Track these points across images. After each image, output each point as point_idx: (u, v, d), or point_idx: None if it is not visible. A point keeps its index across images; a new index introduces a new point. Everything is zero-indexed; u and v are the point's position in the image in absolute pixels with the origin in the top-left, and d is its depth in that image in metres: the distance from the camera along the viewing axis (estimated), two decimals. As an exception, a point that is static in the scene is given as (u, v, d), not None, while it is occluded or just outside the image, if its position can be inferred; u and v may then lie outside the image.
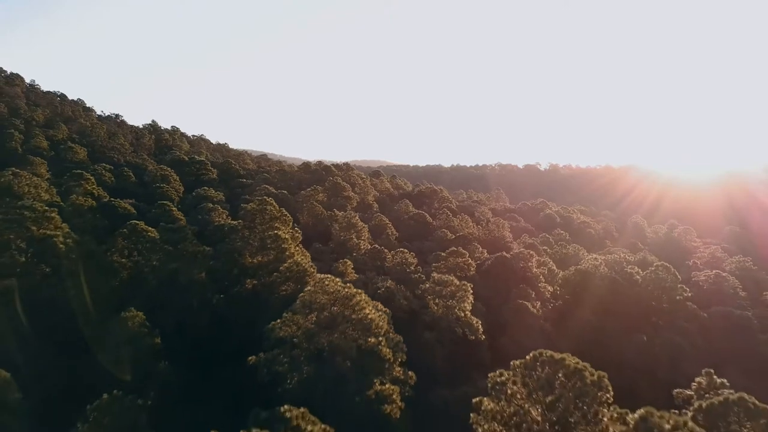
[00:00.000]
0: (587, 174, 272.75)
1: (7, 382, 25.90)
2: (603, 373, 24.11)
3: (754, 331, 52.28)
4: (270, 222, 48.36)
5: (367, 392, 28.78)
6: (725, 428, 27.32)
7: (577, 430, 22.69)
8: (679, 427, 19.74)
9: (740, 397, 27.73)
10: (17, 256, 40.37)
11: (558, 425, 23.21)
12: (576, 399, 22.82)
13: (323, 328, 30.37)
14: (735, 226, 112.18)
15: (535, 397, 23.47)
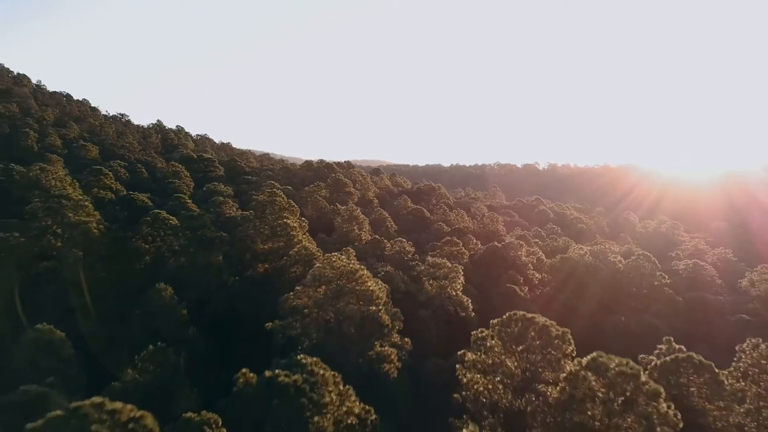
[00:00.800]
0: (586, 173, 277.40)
1: (63, 340, 30.71)
2: (566, 330, 29.02)
3: (725, 314, 57.03)
4: (279, 212, 53.17)
5: (368, 353, 33.58)
6: (675, 381, 32.20)
7: (543, 374, 27.55)
8: (622, 364, 24.57)
9: (688, 356, 32.59)
10: (53, 240, 45.29)
11: (528, 372, 28.08)
12: (542, 349, 27.70)
13: (331, 298, 35.22)
14: (722, 222, 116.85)
15: (509, 348, 28.31)
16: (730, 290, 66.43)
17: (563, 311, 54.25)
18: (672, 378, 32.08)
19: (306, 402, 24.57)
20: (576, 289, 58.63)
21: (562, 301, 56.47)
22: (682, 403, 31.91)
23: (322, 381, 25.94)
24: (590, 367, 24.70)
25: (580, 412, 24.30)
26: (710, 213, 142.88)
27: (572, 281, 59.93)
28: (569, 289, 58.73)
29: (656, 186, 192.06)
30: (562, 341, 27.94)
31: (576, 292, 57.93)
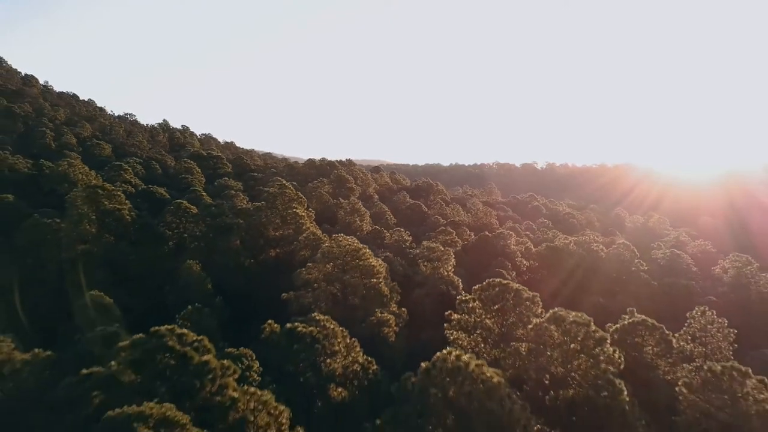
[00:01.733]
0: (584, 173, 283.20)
1: (111, 305, 36.58)
2: (536, 294, 34.96)
3: (695, 296, 62.83)
4: (288, 203, 59.08)
5: (370, 318, 39.43)
6: (631, 340, 38.03)
7: (515, 329, 33.39)
8: (577, 317, 30.43)
9: (643, 319, 38.50)
10: (89, 226, 51.19)
11: (503, 327, 33.96)
12: (515, 308, 33.58)
13: (338, 272, 41.11)
14: (708, 217, 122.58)
15: (488, 308, 34.19)
16: (705, 277, 72.29)
17: (547, 293, 59.94)
18: (629, 338, 37.94)
19: (320, 348, 30.41)
20: (560, 274, 64.48)
21: (546, 284, 62.24)
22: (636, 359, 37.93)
23: (332, 334, 31.77)
24: (551, 320, 30.60)
25: (543, 356, 30.17)
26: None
27: (557, 268, 65.82)
28: (553, 275, 64.60)
29: (656, 186, 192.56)
30: (532, 303, 33.87)
31: (559, 276, 63.78)
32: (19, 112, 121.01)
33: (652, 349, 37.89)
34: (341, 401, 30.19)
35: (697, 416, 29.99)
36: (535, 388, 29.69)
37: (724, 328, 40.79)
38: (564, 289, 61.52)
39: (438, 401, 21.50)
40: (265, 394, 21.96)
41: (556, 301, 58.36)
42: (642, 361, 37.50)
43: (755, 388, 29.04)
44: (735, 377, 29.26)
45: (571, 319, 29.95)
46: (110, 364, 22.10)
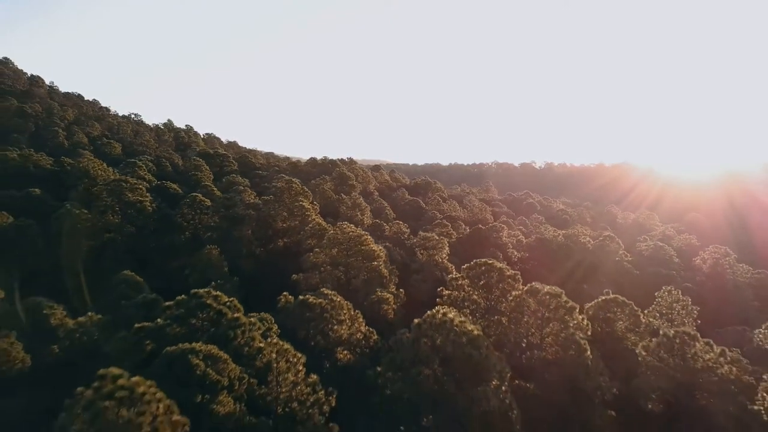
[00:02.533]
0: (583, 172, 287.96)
1: (142, 282, 41.52)
2: (517, 272, 39.89)
3: (674, 284, 67.63)
4: (295, 196, 64.02)
5: (371, 297, 44.35)
6: (603, 315, 42.90)
7: (499, 303, 38.29)
8: (551, 290, 35.35)
9: (615, 297, 43.45)
10: (112, 216, 56.15)
11: (488, 301, 38.88)
12: (498, 284, 38.49)
13: (342, 256, 46.06)
14: (697, 213, 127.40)
15: (475, 284, 39.09)
16: (686, 267, 77.21)
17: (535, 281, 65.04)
18: (602, 313, 42.87)
19: (328, 317, 35.33)
20: (548, 264, 69.42)
21: (535, 273, 67.11)
22: (608, 333, 42.86)
23: (339, 306, 36.70)
24: (528, 292, 35.58)
25: (518, 323, 35.13)
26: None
27: (545, 258, 70.81)
28: (542, 264, 69.54)
29: (654, 185, 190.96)
30: (513, 280, 38.76)
31: (548, 266, 68.71)
32: (30, 112, 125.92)
33: (622, 324, 42.79)
34: (346, 363, 35.12)
35: (653, 376, 34.99)
36: (514, 350, 34.66)
37: (688, 306, 45.69)
38: (551, 277, 66.29)
39: (427, 349, 26.44)
40: (285, 344, 26.91)
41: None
42: (613, 334, 42.41)
43: (702, 349, 34.04)
44: (686, 340, 34.28)
45: (545, 291, 34.91)
46: (157, 320, 27.04)
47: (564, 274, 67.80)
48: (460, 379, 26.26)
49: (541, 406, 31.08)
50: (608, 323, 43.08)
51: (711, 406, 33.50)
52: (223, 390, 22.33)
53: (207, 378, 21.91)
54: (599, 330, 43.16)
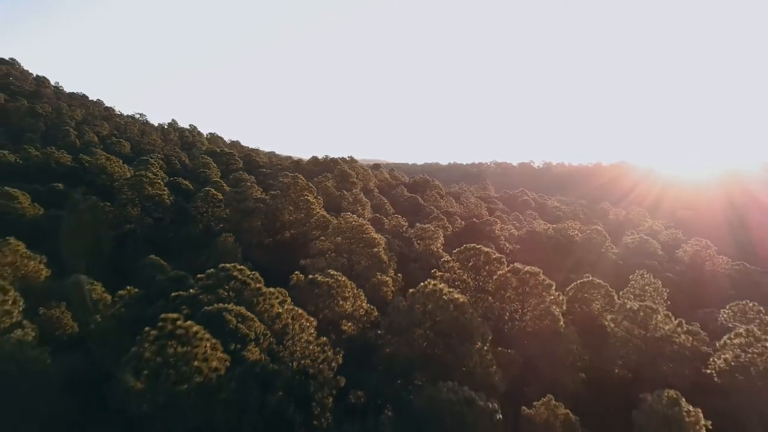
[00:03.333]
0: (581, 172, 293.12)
1: (165, 265, 46.42)
2: (502, 255, 44.92)
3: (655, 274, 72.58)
4: (300, 191, 69.00)
5: (372, 280, 49.34)
6: (589, 296, 47.72)
7: (485, 282, 43.28)
8: (530, 269, 40.33)
9: (591, 279, 48.49)
10: (131, 209, 61.12)
11: (476, 281, 43.88)
12: (485, 266, 43.49)
13: (346, 244, 51.07)
14: (687, 210, 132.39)
15: (464, 266, 44.09)
16: (670, 259, 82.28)
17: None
18: (580, 294, 47.90)
19: (334, 293, 40.28)
20: (537, 254, 74.32)
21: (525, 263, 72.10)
22: (586, 312, 47.84)
23: (343, 284, 41.59)
24: (511, 271, 40.57)
25: (502, 299, 40.13)
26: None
27: (535, 249, 75.75)
28: (532, 255, 74.34)
29: (654, 185, 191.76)
30: (498, 262, 43.79)
31: (537, 257, 73.51)
32: (41, 112, 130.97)
33: (598, 304, 47.78)
34: (351, 334, 40.07)
35: (620, 345, 40.04)
36: (498, 322, 39.67)
37: (659, 288, 50.74)
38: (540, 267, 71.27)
39: (420, 313, 31.46)
40: (300, 310, 31.91)
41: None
42: (590, 313, 47.44)
43: (662, 321, 39.11)
44: (648, 313, 39.36)
45: (525, 270, 39.95)
46: (190, 290, 32.02)
47: (552, 265, 72.76)
48: (447, 339, 31.26)
49: (521, 368, 36.08)
50: (585, 303, 48.15)
51: (669, 370, 38.53)
52: (251, 342, 27.30)
53: (238, 331, 26.90)
54: (578, 309, 48.31)
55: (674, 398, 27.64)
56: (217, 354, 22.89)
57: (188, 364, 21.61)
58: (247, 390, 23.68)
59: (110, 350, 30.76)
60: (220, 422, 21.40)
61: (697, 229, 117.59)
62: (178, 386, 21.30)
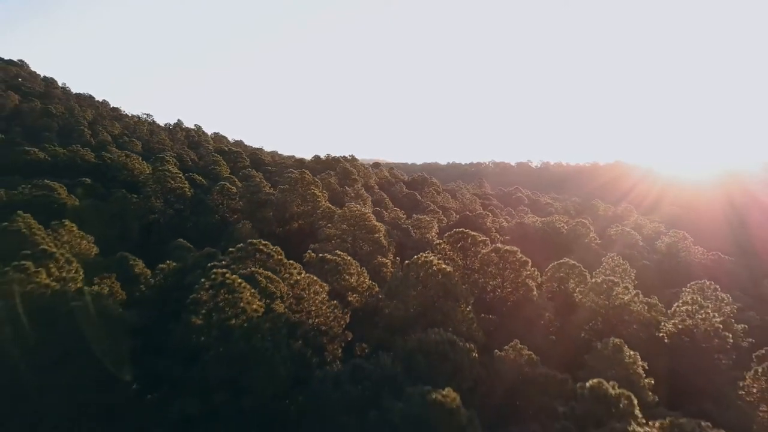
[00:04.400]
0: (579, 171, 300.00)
1: (192, 248, 53.45)
2: (486, 238, 52.04)
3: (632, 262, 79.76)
4: (307, 186, 76.12)
5: (373, 261, 56.41)
6: (565, 276, 54.74)
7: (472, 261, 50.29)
8: (509, 248, 47.43)
9: (567, 260, 55.56)
10: (155, 201, 68.22)
11: (464, 260, 50.93)
12: (472, 246, 50.56)
13: (350, 230, 58.18)
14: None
15: (454, 248, 51.13)
16: (649, 249, 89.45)
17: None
18: (556, 274, 54.94)
19: (341, 269, 47.34)
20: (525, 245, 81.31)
21: (514, 252, 79.20)
22: (562, 289, 54.86)
23: (349, 263, 48.66)
24: (492, 250, 47.66)
25: (486, 275, 47.20)
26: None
27: (524, 240, 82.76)
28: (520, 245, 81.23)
29: (654, 185, 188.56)
30: (483, 244, 50.86)
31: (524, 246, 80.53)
32: (55, 112, 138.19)
33: (572, 282, 54.82)
34: (356, 305, 47.10)
35: (586, 313, 47.11)
36: (482, 293, 46.75)
37: (627, 269, 57.89)
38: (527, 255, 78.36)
39: (414, 279, 38.55)
40: (314, 277, 38.99)
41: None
42: (566, 290, 54.51)
43: (622, 292, 46.20)
44: (610, 285, 46.47)
45: (505, 249, 47.07)
46: (223, 260, 39.08)
47: (538, 253, 79.84)
48: (436, 301, 38.37)
49: (498, 327, 43.14)
50: (561, 281, 55.23)
51: (628, 334, 45.56)
52: (277, 299, 34.38)
53: (267, 289, 33.96)
54: (555, 287, 55.40)
55: (618, 345, 34.73)
56: (256, 300, 29.97)
57: (235, 305, 28.67)
58: (277, 331, 30.73)
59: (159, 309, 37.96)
60: (259, 352, 28.41)
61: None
62: (227, 322, 28.37)
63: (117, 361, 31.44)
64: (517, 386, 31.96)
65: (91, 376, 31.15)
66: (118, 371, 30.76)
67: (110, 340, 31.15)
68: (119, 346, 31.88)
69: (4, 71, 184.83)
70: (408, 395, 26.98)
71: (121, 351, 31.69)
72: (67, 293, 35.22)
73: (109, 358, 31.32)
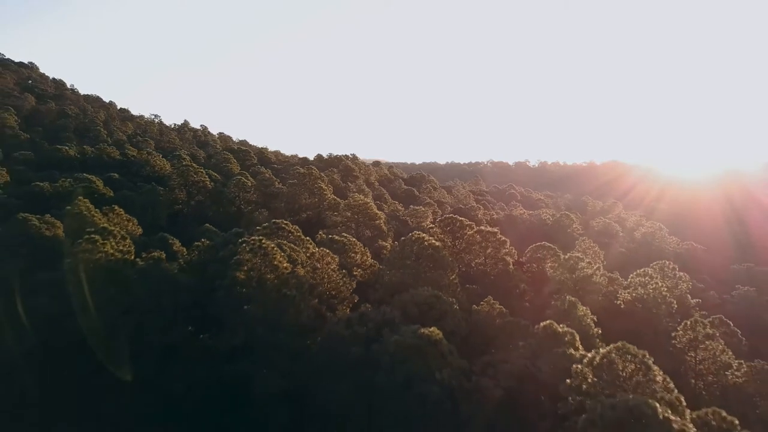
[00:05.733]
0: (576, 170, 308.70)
1: (217, 231, 62.47)
2: (473, 222, 61.10)
3: (610, 248, 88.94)
4: (314, 180, 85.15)
5: (374, 245, 65.40)
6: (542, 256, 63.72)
7: (459, 242, 59.29)
8: (490, 230, 56.42)
9: (543, 243, 64.55)
10: (178, 192, 77.23)
11: (453, 241, 59.93)
12: (460, 229, 59.56)
13: (354, 217, 67.23)
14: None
15: (444, 231, 60.13)
16: (628, 239, 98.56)
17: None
18: (534, 255, 63.90)
19: (348, 248, 56.33)
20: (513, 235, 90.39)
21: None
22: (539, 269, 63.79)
23: (353, 243, 57.70)
24: (476, 232, 56.67)
25: (471, 253, 56.18)
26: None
27: (512, 230, 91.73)
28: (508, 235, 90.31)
29: (654, 185, 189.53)
30: (470, 227, 59.86)
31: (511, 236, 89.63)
32: (70, 113, 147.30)
33: (548, 262, 63.75)
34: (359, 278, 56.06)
35: (555, 285, 56.08)
36: (467, 269, 55.72)
37: (597, 251, 66.91)
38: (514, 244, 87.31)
39: (408, 252, 47.56)
40: (326, 250, 47.96)
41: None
42: (542, 268, 63.49)
43: (586, 266, 55.23)
44: (575, 261, 55.49)
45: (487, 230, 56.11)
46: (253, 237, 48.03)
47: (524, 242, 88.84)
48: (427, 270, 47.37)
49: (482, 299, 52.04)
50: (539, 261, 64.22)
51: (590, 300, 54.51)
52: (298, 265, 43.38)
53: (290, 256, 42.96)
54: (533, 267, 64.39)
55: (573, 301, 43.68)
56: (284, 261, 38.98)
57: (269, 264, 37.66)
58: (300, 287, 39.72)
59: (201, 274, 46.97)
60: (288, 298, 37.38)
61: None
62: (264, 276, 37.35)
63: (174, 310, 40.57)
64: (489, 331, 40.97)
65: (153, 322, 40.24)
66: (174, 318, 39.84)
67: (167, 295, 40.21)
68: (175, 298, 40.95)
69: (17, 74, 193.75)
70: (402, 331, 36.04)
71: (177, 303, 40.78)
72: (127, 261, 44.42)
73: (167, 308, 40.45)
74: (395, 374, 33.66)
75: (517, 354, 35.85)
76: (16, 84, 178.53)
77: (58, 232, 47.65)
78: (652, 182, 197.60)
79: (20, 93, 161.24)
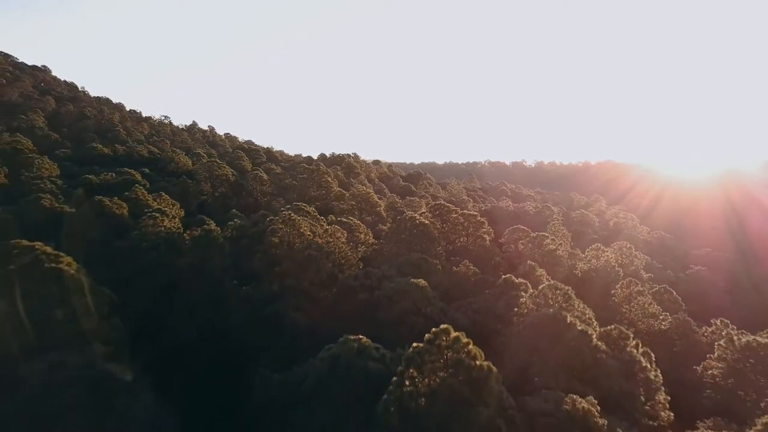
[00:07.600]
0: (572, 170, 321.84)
1: (242, 216, 75.49)
2: (458, 209, 74.15)
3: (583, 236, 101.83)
4: (322, 175, 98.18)
5: (375, 229, 78.30)
6: (517, 237, 76.87)
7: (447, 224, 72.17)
8: (471, 212, 69.36)
9: (519, 226, 77.61)
10: (204, 184, 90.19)
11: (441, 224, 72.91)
12: (448, 214, 72.48)
13: (357, 205, 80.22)
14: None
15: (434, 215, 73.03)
16: (603, 228, 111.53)
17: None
18: (510, 237, 76.85)
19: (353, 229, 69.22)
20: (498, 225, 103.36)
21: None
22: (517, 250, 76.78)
23: (358, 225, 70.69)
24: (460, 215, 69.61)
25: (455, 232, 69.11)
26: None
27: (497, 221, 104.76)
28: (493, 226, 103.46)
29: (654, 185, 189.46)
30: (455, 212, 72.76)
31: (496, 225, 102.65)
32: (89, 115, 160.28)
33: (522, 244, 76.74)
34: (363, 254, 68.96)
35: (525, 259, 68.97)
36: (452, 246, 68.62)
37: (566, 233, 79.83)
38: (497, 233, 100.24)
39: (403, 228, 60.54)
40: (337, 226, 60.91)
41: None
42: (518, 252, 76.44)
43: (550, 243, 68.20)
44: (541, 237, 68.49)
45: (468, 213, 69.08)
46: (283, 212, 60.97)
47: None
48: (419, 244, 60.32)
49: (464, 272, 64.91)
50: (515, 243, 77.24)
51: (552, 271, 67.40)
52: (317, 236, 56.26)
53: (312, 227, 55.85)
54: (510, 247, 77.34)
55: (532, 266, 56.61)
56: (308, 230, 51.95)
57: (297, 230, 50.59)
58: (320, 250, 52.65)
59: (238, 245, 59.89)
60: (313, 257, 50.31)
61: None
62: (294, 241, 50.28)
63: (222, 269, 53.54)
64: (466, 286, 53.93)
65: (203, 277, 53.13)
66: (222, 274, 52.82)
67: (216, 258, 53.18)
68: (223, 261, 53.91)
69: (33, 77, 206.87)
70: (397, 282, 49.02)
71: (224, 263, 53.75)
72: (180, 233, 57.45)
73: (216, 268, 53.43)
74: (392, 311, 46.55)
75: (482, 298, 48.81)
76: (33, 87, 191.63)
77: (124, 212, 60.45)
78: (650, 182, 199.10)
79: (40, 96, 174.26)
